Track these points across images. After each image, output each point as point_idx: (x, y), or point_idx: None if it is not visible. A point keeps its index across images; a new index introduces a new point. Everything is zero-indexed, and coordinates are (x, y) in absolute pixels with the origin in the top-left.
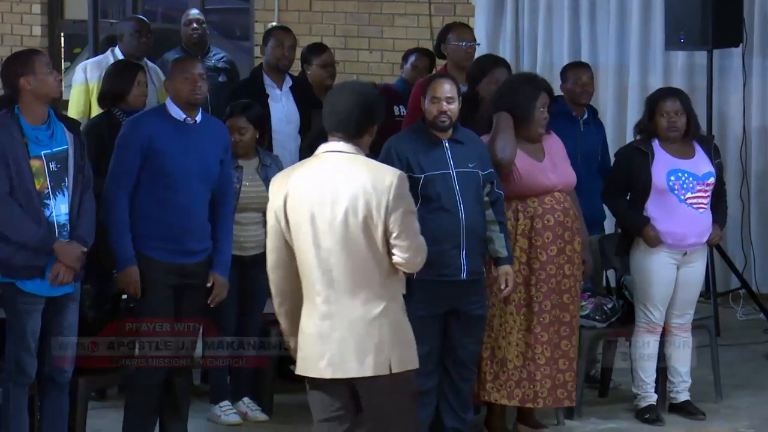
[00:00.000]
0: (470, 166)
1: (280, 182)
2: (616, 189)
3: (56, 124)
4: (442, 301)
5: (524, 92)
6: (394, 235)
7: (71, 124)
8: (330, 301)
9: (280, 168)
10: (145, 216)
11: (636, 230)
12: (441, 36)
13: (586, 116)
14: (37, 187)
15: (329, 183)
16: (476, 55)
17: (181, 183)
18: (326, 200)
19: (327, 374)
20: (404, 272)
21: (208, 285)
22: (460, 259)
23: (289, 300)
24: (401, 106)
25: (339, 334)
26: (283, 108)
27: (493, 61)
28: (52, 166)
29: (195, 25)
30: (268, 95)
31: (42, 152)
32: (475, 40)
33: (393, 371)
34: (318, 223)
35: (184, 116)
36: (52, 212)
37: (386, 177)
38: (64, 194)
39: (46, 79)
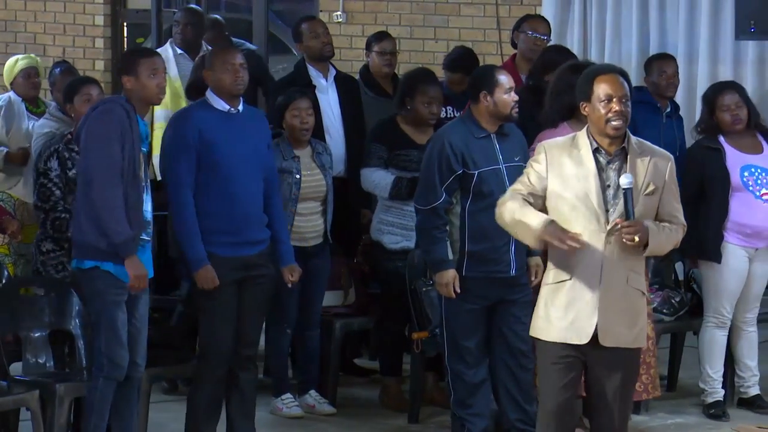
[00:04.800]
0: (516, 159)
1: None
2: (686, 196)
3: None
4: (491, 295)
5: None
6: None
7: None
8: None
9: (330, 155)
10: (204, 212)
11: (687, 249)
12: (516, 24)
13: (669, 109)
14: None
15: None
16: None
17: (234, 172)
18: None
19: None
20: None
21: (291, 279)
22: (510, 255)
23: None
24: (449, 108)
25: None
26: (329, 98)
27: (563, 56)
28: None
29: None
30: (315, 86)
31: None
32: (548, 34)
33: None
34: None
35: (228, 107)
36: (145, 207)
37: None
38: (148, 192)
39: (147, 84)
